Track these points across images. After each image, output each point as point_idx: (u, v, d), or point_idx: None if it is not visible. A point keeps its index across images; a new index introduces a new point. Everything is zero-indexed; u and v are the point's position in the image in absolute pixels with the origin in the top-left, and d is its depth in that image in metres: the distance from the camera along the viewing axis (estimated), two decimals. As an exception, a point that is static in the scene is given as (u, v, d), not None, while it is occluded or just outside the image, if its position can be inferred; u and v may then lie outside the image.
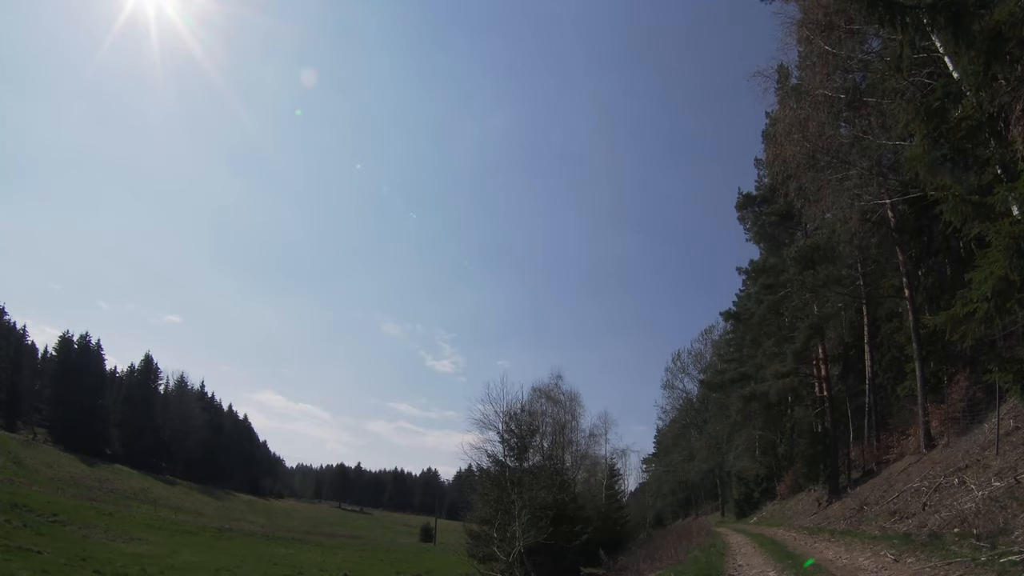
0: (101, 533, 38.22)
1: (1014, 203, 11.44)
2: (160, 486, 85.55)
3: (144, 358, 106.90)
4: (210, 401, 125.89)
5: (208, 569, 31.80)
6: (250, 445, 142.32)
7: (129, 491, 74.33)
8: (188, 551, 38.17)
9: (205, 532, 54.11)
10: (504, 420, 39.16)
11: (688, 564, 19.99)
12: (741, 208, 44.98)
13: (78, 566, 26.04)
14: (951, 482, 17.18)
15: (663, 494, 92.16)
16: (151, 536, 42.13)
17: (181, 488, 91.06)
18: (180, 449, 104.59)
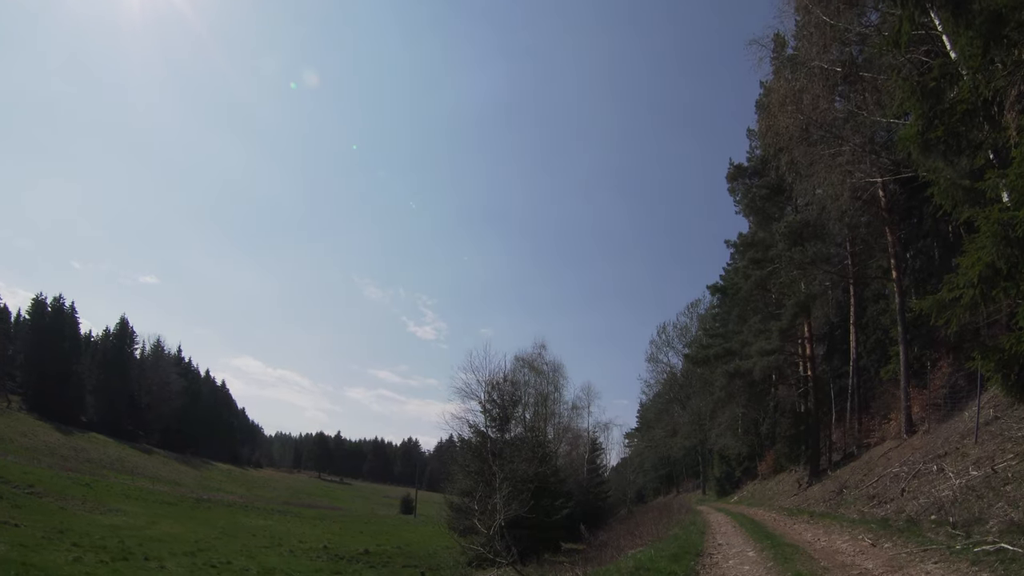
0: (79, 504, 38.31)
1: (1004, 190, 11.48)
2: (137, 455, 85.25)
3: (119, 321, 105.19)
4: (187, 367, 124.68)
5: (187, 541, 31.82)
6: (228, 413, 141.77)
7: (106, 460, 74.17)
8: (166, 522, 38.26)
9: (183, 503, 54.18)
10: (486, 390, 39.36)
11: (668, 541, 20.20)
12: (732, 179, 44.66)
13: (56, 539, 26.07)
14: (930, 469, 17.43)
15: (645, 470, 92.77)
16: (129, 507, 42.19)
17: (158, 457, 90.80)
18: (156, 417, 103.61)
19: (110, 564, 23.18)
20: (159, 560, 25.36)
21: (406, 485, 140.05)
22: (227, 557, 28.58)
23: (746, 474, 52.94)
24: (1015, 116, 11.44)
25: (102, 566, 22.64)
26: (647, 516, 41.09)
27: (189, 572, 24.14)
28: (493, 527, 22.59)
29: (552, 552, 34.93)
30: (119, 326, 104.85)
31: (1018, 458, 12.71)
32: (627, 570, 13.30)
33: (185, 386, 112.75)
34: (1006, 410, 17.17)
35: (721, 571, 12.67)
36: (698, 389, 62.41)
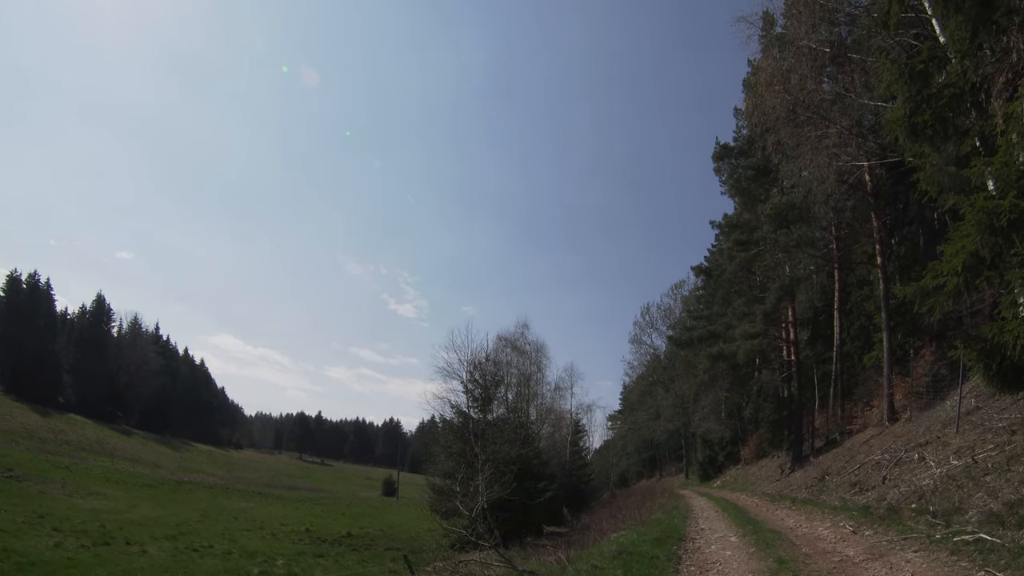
0: (58, 488, 38.29)
1: (990, 178, 11.52)
2: (116, 437, 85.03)
3: (96, 298, 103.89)
4: (165, 345, 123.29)
5: (168, 524, 31.88)
6: (207, 392, 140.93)
7: (85, 442, 73.89)
8: (147, 505, 38.35)
9: (164, 485, 54.12)
10: (468, 369, 39.45)
11: (651, 525, 20.30)
12: (718, 159, 44.25)
13: (36, 524, 26.11)
14: (911, 457, 17.59)
15: (628, 453, 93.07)
16: (109, 490, 42.20)
17: (137, 438, 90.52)
18: (135, 397, 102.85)
19: (92, 549, 23.21)
20: (141, 544, 25.41)
21: (388, 466, 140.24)
22: (209, 541, 28.66)
23: (729, 459, 53.18)
24: (1002, 104, 11.42)
25: (83, 551, 22.67)
26: (630, 500, 41.20)
27: (171, 556, 24.17)
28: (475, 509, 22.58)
29: (535, 535, 35.06)
30: (95, 303, 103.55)
31: (998, 448, 12.88)
32: (610, 554, 13.36)
33: (163, 365, 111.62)
34: (987, 400, 17.35)
35: (703, 556, 12.80)
36: (682, 372, 62.07)
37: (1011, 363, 10.71)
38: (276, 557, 27.12)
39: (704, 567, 11.47)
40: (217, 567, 23.43)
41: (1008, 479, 10.87)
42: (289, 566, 25.54)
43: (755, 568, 10.65)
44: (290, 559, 27.14)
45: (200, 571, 22.25)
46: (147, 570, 20.91)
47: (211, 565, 23.71)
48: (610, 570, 11.11)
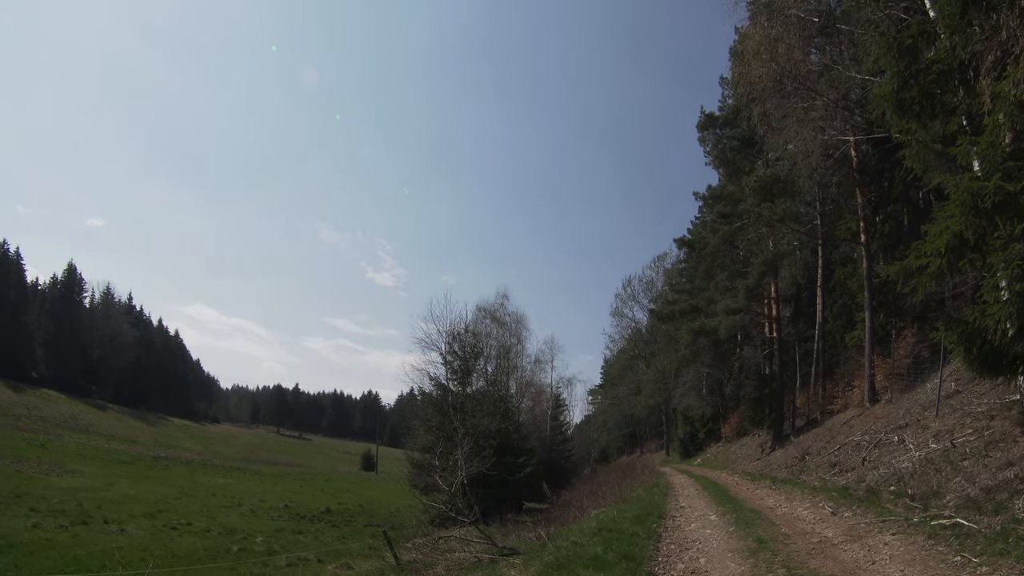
0: (34, 466, 38.36)
1: (976, 158, 11.45)
2: (91, 412, 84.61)
3: (67, 268, 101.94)
4: (139, 316, 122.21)
5: (146, 502, 31.96)
6: (183, 365, 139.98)
7: (59, 418, 73.49)
8: (124, 482, 38.40)
9: (140, 461, 54.14)
10: (447, 341, 39.37)
11: (632, 503, 20.60)
12: (702, 128, 44.00)
13: (13, 504, 26.16)
14: (891, 439, 17.84)
15: (608, 428, 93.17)
16: (85, 468, 42.23)
17: (112, 413, 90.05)
18: (109, 370, 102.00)
19: (70, 529, 23.26)
20: (119, 523, 25.46)
21: (367, 440, 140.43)
22: (187, 518, 28.73)
23: (710, 436, 53.56)
24: (990, 83, 11.22)
25: (62, 531, 22.71)
26: (610, 476, 41.47)
27: (149, 535, 24.23)
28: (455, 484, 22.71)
29: (515, 511, 35.29)
30: (67, 273, 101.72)
31: (977, 433, 13.07)
32: (590, 531, 13.53)
33: (137, 337, 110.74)
34: (967, 384, 17.56)
35: (683, 534, 12.96)
36: (663, 346, 62.35)
37: (991, 347, 10.72)
38: (255, 534, 27.24)
39: (684, 545, 11.62)
40: (196, 545, 23.51)
41: (986, 464, 11.05)
42: (268, 543, 25.67)
43: (735, 547, 10.79)
44: (269, 536, 27.27)
45: (179, 549, 22.32)
46: (126, 550, 20.95)
47: (190, 543, 23.79)
48: (590, 547, 11.21)
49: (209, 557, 21.67)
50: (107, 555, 19.61)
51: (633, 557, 10.16)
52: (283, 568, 21.20)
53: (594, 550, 10.82)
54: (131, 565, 18.12)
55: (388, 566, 19.72)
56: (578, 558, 10.28)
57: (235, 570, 20.11)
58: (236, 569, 20.24)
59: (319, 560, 22.73)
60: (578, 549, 11.29)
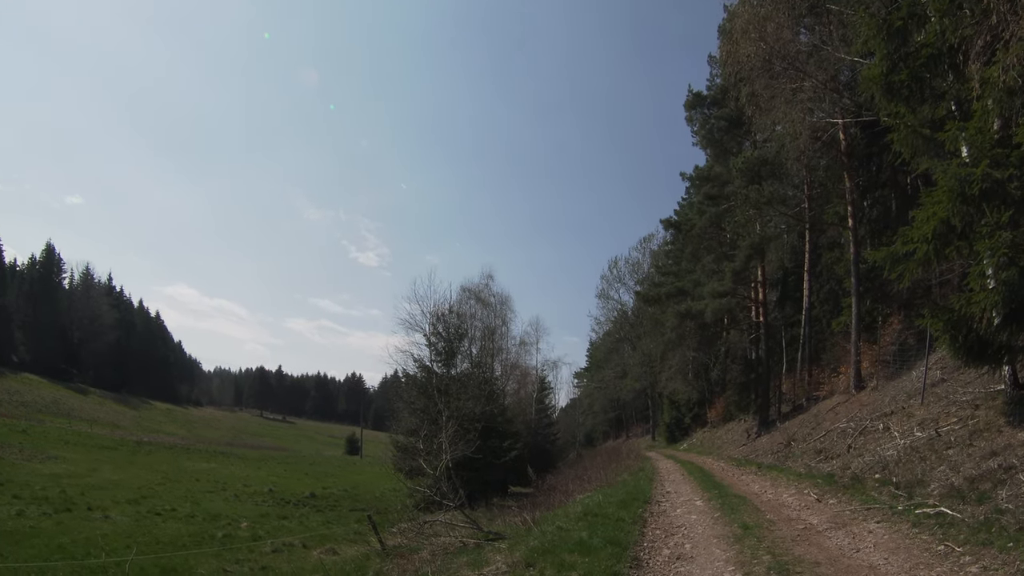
0: (16, 452, 38.12)
1: (964, 144, 11.57)
2: (73, 396, 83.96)
3: (45, 248, 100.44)
4: (119, 297, 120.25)
5: (129, 487, 31.89)
6: (164, 347, 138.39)
7: (41, 403, 72.97)
8: (107, 468, 38.26)
9: (123, 446, 53.91)
10: (431, 322, 39.23)
11: (617, 487, 20.75)
12: (690, 108, 43.24)
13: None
14: (876, 427, 17.99)
15: (594, 412, 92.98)
16: (68, 454, 42.06)
17: (94, 398, 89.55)
18: (89, 353, 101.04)
19: (54, 516, 23.20)
20: (103, 510, 25.41)
21: (351, 423, 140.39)
22: (171, 504, 28.70)
23: (696, 421, 53.76)
24: (979, 67, 11.30)
25: (45, 518, 22.65)
26: (596, 460, 41.61)
27: (134, 521, 24.18)
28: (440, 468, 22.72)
29: (500, 496, 35.32)
30: (45, 253, 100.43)
31: (961, 423, 13.20)
32: (575, 515, 13.60)
33: (118, 319, 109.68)
34: (952, 373, 17.68)
35: (669, 519, 13.05)
36: (649, 329, 62.06)
37: (977, 336, 10.84)
38: (240, 519, 27.23)
39: (669, 531, 11.71)
40: (180, 531, 23.49)
41: (970, 454, 11.16)
42: (253, 528, 25.67)
43: (720, 533, 10.89)
44: (254, 521, 27.26)
45: (164, 536, 22.27)
46: (110, 537, 20.91)
47: (174, 529, 23.77)
48: (576, 532, 11.28)
49: (194, 543, 21.66)
50: (91, 542, 19.57)
51: (619, 542, 10.23)
52: (268, 554, 21.21)
53: (579, 535, 10.87)
54: (116, 552, 18.10)
55: (373, 551, 19.78)
56: (563, 543, 10.34)
57: (220, 556, 20.11)
58: (221, 555, 20.23)
59: (304, 545, 22.75)
60: (563, 534, 11.35)
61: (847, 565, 7.95)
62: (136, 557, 17.22)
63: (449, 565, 12.03)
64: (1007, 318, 10.42)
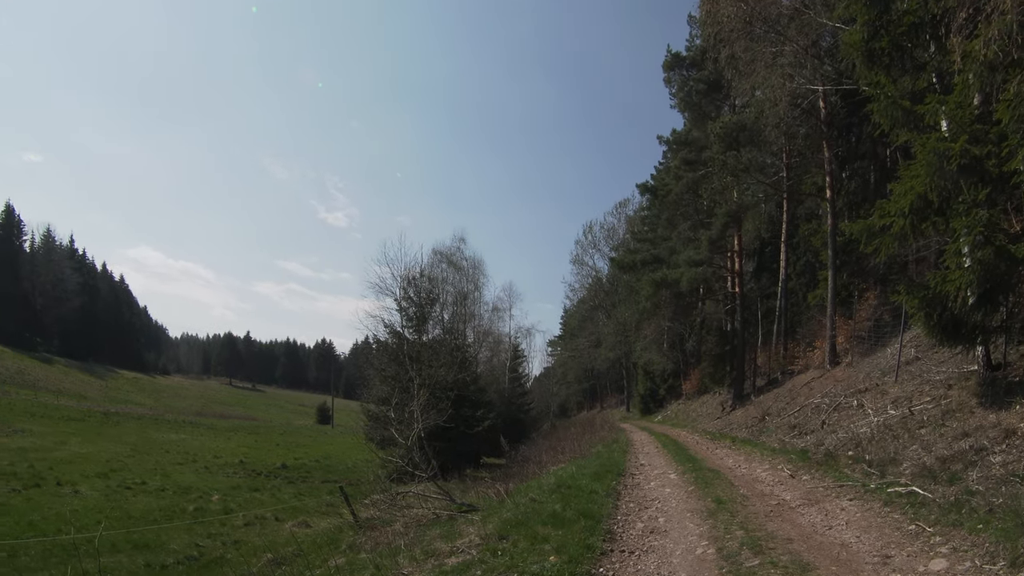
0: (-19, 427, 37.90)
1: (944, 118, 11.62)
2: (37, 366, 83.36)
3: (4, 209, 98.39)
4: (81, 260, 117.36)
5: (98, 461, 31.95)
6: (129, 313, 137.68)
7: (5, 374, 72.36)
8: (75, 441, 38.25)
9: (91, 418, 53.91)
10: (402, 286, 38.98)
11: (591, 459, 20.90)
12: (668, 69, 43.06)
13: (-39, 468, 26.05)
14: (850, 403, 18.24)
15: (568, 381, 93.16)
16: (35, 426, 42.06)
17: (59, 367, 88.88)
18: (53, 320, 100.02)
19: (23, 492, 23.21)
20: (72, 484, 25.42)
21: (322, 391, 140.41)
22: (141, 477, 28.73)
23: (670, 393, 54.15)
24: (961, 40, 11.25)
25: (15, 495, 22.65)
26: (570, 431, 41.74)
27: (104, 496, 24.22)
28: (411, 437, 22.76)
29: (473, 467, 35.41)
30: (4, 215, 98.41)
31: (934, 402, 13.40)
32: (549, 487, 13.71)
33: (81, 283, 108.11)
34: (927, 351, 17.88)
35: (643, 492, 13.20)
36: (624, 297, 62.62)
37: (952, 315, 10.92)
38: (211, 492, 27.31)
39: (643, 504, 11.86)
40: (151, 505, 23.54)
41: (942, 434, 11.34)
42: (224, 501, 25.77)
43: (694, 507, 11.05)
44: (225, 494, 27.35)
45: (134, 510, 22.34)
46: (81, 513, 20.95)
47: (145, 503, 23.82)
48: (549, 504, 11.40)
49: (165, 517, 21.74)
50: (62, 519, 19.59)
51: (592, 515, 10.37)
52: (240, 527, 21.32)
53: (553, 507, 11.00)
54: (87, 528, 18.12)
55: (346, 523, 19.94)
56: (536, 515, 10.47)
57: (192, 530, 20.20)
58: (193, 529, 20.32)
59: (277, 518, 22.90)
60: (537, 506, 11.48)
61: (819, 542, 8.10)
62: (106, 532, 17.26)
63: (422, 537, 12.12)
64: (982, 298, 10.53)
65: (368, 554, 12.53)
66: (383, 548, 12.38)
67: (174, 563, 16.78)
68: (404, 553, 10.23)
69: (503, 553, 8.45)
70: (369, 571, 9.51)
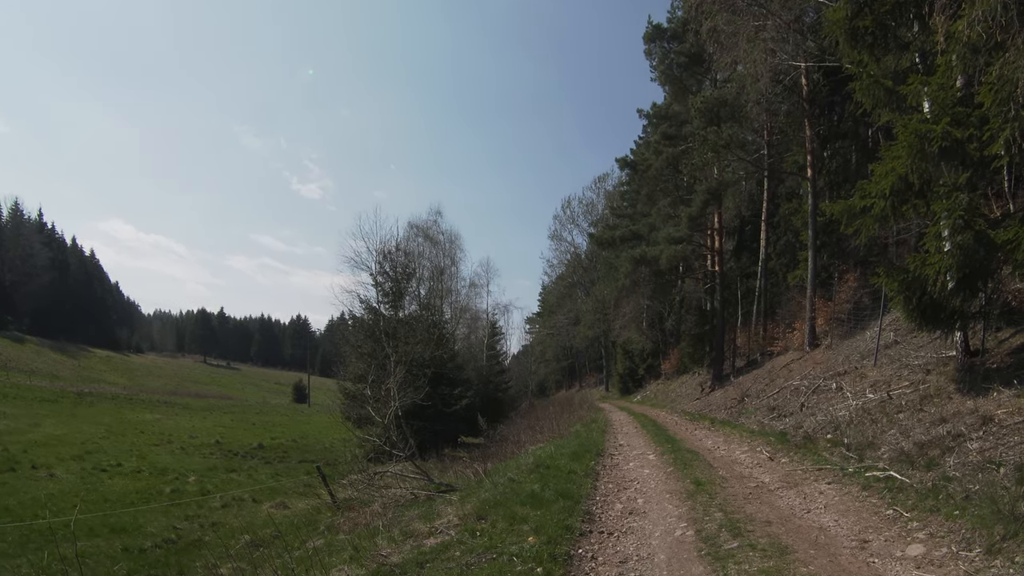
0: (-47, 409, 37.64)
1: (926, 99, 11.61)
2: (8, 345, 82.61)
3: None
4: (51, 234, 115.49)
5: (73, 443, 31.86)
6: (101, 289, 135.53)
7: (-24, 354, 71.45)
8: (49, 422, 38.08)
9: (64, 399, 53.47)
10: (378, 260, 38.36)
11: (570, 439, 21.00)
12: (649, 41, 42.10)
13: (-66, 454, 25.90)
14: (829, 386, 18.39)
15: (546, 360, 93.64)
16: (8, 408, 41.78)
17: (31, 346, 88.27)
18: (23, 297, 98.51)
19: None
20: (47, 468, 25.36)
21: (298, 369, 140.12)
22: (116, 459, 28.63)
23: (649, 372, 54.46)
24: (944, 20, 11.19)
25: (-11, 480, 22.58)
26: (549, 411, 41.70)
27: (80, 479, 24.16)
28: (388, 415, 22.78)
29: (451, 446, 35.60)
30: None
31: (913, 387, 13.53)
32: (527, 467, 13.84)
33: (51, 258, 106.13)
34: (906, 335, 18.00)
35: (621, 473, 13.33)
36: (603, 274, 62.28)
37: (931, 299, 10.96)
38: (187, 474, 27.29)
39: (622, 485, 11.97)
40: (128, 488, 23.50)
41: (920, 419, 11.43)
42: (201, 483, 25.74)
43: (672, 488, 11.18)
44: (201, 475, 27.33)
45: (111, 493, 22.31)
46: (57, 497, 20.90)
47: (121, 486, 23.77)
48: (527, 484, 11.49)
49: (142, 500, 21.68)
50: (38, 503, 19.50)
51: (571, 495, 10.47)
52: (218, 509, 21.34)
53: (531, 487, 11.08)
54: (64, 513, 18.05)
55: (324, 504, 19.98)
56: (515, 495, 10.57)
57: (169, 513, 20.18)
58: (170, 512, 20.30)
59: (254, 500, 22.91)
60: (515, 486, 11.57)
61: (798, 525, 8.23)
62: (83, 516, 17.24)
63: (400, 518, 12.19)
64: (960, 283, 10.58)
65: (347, 535, 12.59)
66: (361, 529, 12.46)
67: (152, 547, 16.79)
68: (383, 534, 10.29)
69: (482, 534, 8.52)
70: (348, 552, 9.56)
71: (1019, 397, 9.87)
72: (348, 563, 8.42)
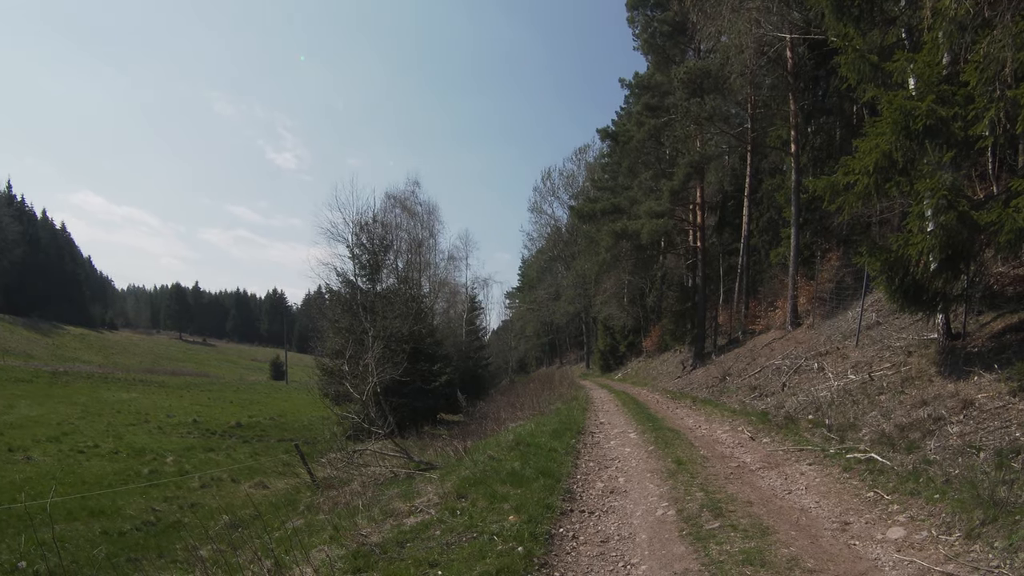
0: (-74, 391, 37.36)
1: (912, 76, 11.60)
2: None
3: None
4: (20, 207, 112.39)
5: (49, 424, 31.79)
6: (73, 264, 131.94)
7: (-53, 334, 70.62)
8: (24, 403, 37.93)
9: (39, 378, 53.16)
10: (354, 232, 38.56)
11: (551, 416, 21.07)
12: (632, 8, 41.62)
13: (-89, 437, 25.75)
14: (811, 366, 18.56)
15: (527, 336, 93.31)
16: (-20, 389, 41.34)
17: (4, 324, 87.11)
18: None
19: (-27, 461, 23.01)
20: (24, 450, 25.28)
21: (275, 345, 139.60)
22: (93, 440, 28.56)
23: (631, 350, 54.67)
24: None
25: (-35, 464, 22.47)
26: (529, 388, 41.74)
27: (57, 461, 24.08)
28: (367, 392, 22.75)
29: (431, 424, 35.49)
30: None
31: (894, 368, 13.67)
32: (507, 445, 13.86)
33: (20, 232, 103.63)
34: (888, 317, 18.12)
35: (602, 451, 13.44)
36: (584, 248, 62.22)
37: (913, 280, 11.04)
38: (165, 454, 27.25)
39: (603, 463, 12.07)
40: (105, 469, 23.46)
41: (901, 401, 11.56)
42: (180, 463, 25.73)
43: (654, 467, 11.30)
44: (180, 455, 27.30)
45: (88, 475, 22.25)
46: (35, 480, 20.85)
47: (99, 467, 23.72)
48: (508, 462, 11.56)
49: (120, 481, 21.66)
50: (16, 487, 19.47)
51: (551, 473, 10.57)
52: (197, 490, 21.35)
53: (512, 465, 11.17)
54: (42, 496, 18.04)
55: (303, 483, 20.04)
56: (495, 473, 10.65)
57: (147, 494, 20.18)
58: (148, 493, 20.30)
59: (233, 480, 22.94)
60: (495, 464, 11.63)
61: (779, 506, 8.36)
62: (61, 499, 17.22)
63: (380, 497, 12.21)
64: (943, 264, 10.61)
65: (326, 515, 12.64)
66: (341, 508, 12.48)
67: (131, 529, 16.81)
68: (362, 513, 10.33)
69: (462, 512, 8.58)
70: (328, 532, 9.59)
71: (999, 382, 9.97)
72: (328, 543, 8.45)
